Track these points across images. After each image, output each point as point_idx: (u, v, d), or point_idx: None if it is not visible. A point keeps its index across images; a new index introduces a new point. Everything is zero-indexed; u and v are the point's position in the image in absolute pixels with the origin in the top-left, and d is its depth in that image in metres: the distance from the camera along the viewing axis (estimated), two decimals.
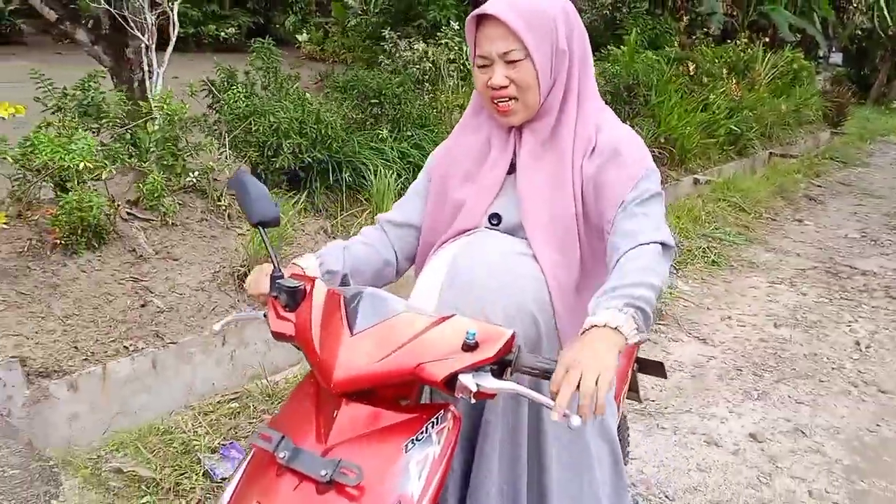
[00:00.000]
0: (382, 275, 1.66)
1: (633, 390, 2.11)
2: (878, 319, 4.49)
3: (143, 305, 3.42)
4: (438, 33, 7.12)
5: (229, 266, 3.68)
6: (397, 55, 7.12)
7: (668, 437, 3.03)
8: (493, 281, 1.44)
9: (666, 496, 2.63)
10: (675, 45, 10.44)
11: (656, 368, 2.09)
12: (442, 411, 1.23)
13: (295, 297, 1.32)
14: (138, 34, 3.91)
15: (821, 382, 3.63)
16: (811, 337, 4.20)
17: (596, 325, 1.19)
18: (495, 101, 1.48)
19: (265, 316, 1.39)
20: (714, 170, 7.97)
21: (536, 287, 1.46)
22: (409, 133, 5.08)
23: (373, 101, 5.05)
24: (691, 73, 8.75)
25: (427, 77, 6.19)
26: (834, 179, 8.94)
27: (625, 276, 1.29)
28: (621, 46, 8.64)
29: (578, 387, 1.10)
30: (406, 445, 1.16)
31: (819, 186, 8.41)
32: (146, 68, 4.01)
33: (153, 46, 4.00)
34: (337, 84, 5.17)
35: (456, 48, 6.44)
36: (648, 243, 1.34)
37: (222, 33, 13.76)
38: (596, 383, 1.10)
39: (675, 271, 4.91)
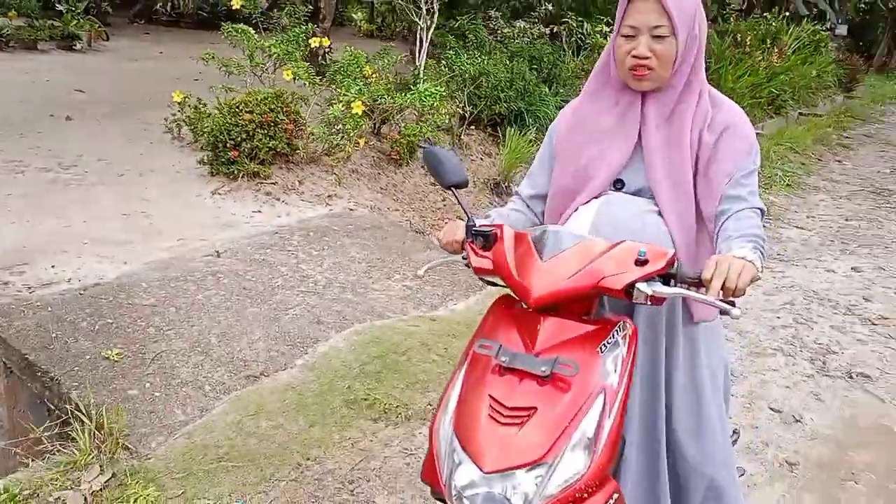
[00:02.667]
0: None
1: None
2: None
3: (443, 200, 5.40)
4: (532, 13, 9.05)
5: (491, 175, 5.67)
6: (499, 31, 9.03)
7: (802, 270, 5.07)
8: (628, 235, 1.64)
9: (811, 291, 4.66)
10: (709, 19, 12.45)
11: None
12: (622, 321, 1.54)
13: (488, 240, 1.65)
14: (416, 19, 5.83)
15: (885, 248, 5.69)
16: (872, 226, 6.29)
17: (735, 257, 1.48)
18: (633, 69, 1.71)
19: (464, 258, 1.73)
20: (759, 125, 10.01)
21: (663, 240, 1.73)
22: (561, 89, 7.04)
23: (533, 66, 7.00)
24: (738, 44, 10.77)
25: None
26: (858, 133, 11.07)
27: (745, 228, 1.60)
28: None
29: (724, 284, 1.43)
30: (601, 348, 1.47)
31: (847, 138, 10.52)
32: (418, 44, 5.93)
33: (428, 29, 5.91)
34: (505, 52, 7.10)
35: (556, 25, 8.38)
36: (753, 208, 1.67)
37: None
38: (740, 273, 1.42)
39: (767, 186, 6.95)
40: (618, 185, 1.80)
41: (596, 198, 1.81)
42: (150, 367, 2.88)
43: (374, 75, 4.97)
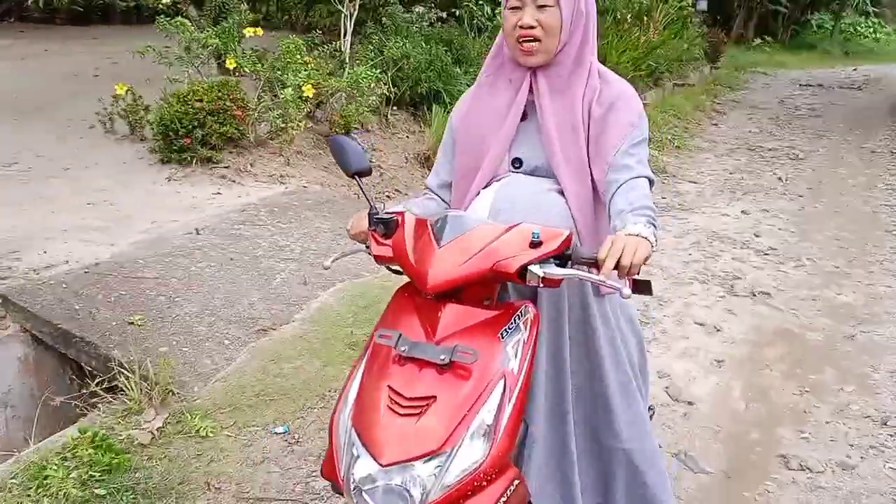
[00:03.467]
0: None
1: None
2: (786, 168, 7.63)
3: (380, 175, 5.85)
4: None
5: (420, 150, 6.19)
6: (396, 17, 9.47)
7: (701, 216, 5.89)
8: (527, 214, 1.70)
9: (712, 233, 5.46)
10: None
11: (644, 286, 2.62)
12: (524, 306, 1.58)
13: (389, 227, 1.68)
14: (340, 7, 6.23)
15: (766, 194, 6.64)
16: (753, 176, 7.27)
17: (630, 234, 1.51)
18: (520, 41, 1.75)
19: (366, 247, 1.75)
20: (643, 96, 10.98)
21: (564, 215, 1.79)
22: (470, 69, 7.61)
23: (445, 48, 7.54)
24: (618, 21, 11.72)
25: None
26: (727, 99, 12.32)
27: (635, 200, 1.65)
28: None
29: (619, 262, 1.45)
30: (501, 333, 1.51)
31: (719, 104, 11.71)
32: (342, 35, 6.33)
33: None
34: (420, 36, 7.59)
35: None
36: (641, 177, 1.71)
37: (160, 5, 15.29)
38: (635, 252, 1.46)
39: (659, 148, 7.81)
40: (516, 164, 1.85)
41: (498, 180, 1.85)
42: (171, 328, 3.22)
43: (311, 62, 5.35)
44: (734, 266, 4.89)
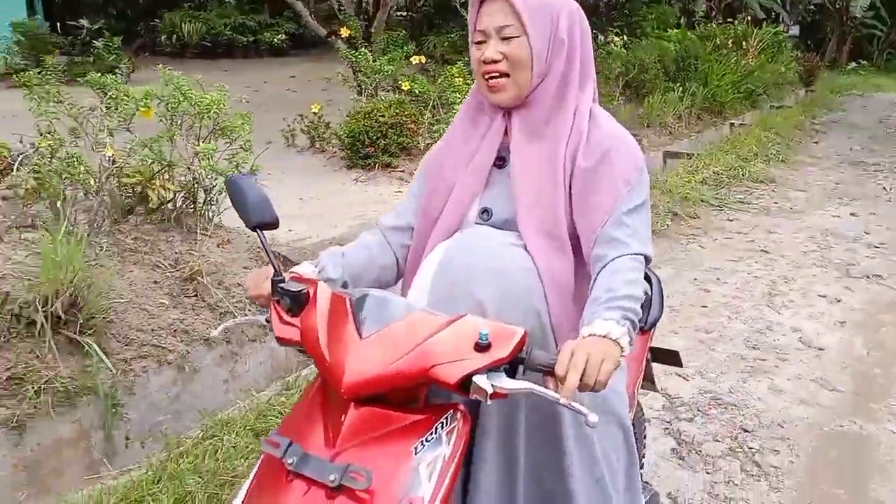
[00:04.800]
0: (382, 279, 1.73)
1: (649, 380, 2.25)
2: (889, 180, 8.34)
3: None
4: None
5: None
6: None
7: (813, 217, 6.68)
8: (485, 271, 1.50)
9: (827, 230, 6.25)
10: (675, 27, 14.24)
11: (671, 357, 2.28)
12: (451, 411, 1.31)
13: (298, 301, 1.39)
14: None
15: (872, 201, 7.39)
16: (858, 186, 8.02)
17: (594, 335, 1.31)
18: (486, 77, 1.57)
19: (267, 321, 1.48)
20: (739, 117, 11.75)
21: (528, 276, 1.53)
22: None
23: None
24: (717, 46, 12.57)
25: None
26: (826, 119, 12.98)
27: (616, 287, 1.42)
28: (647, 29, 12.41)
29: (582, 378, 1.22)
30: (416, 447, 1.24)
31: (818, 124, 12.40)
32: None
33: None
34: None
35: None
36: (633, 255, 1.48)
37: (275, 40, 16.88)
38: (600, 366, 1.23)
39: (766, 161, 8.61)
40: (484, 215, 1.63)
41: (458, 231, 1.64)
42: None
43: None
44: (848, 256, 5.69)
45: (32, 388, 2.83)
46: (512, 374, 1.30)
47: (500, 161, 1.65)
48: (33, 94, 4.07)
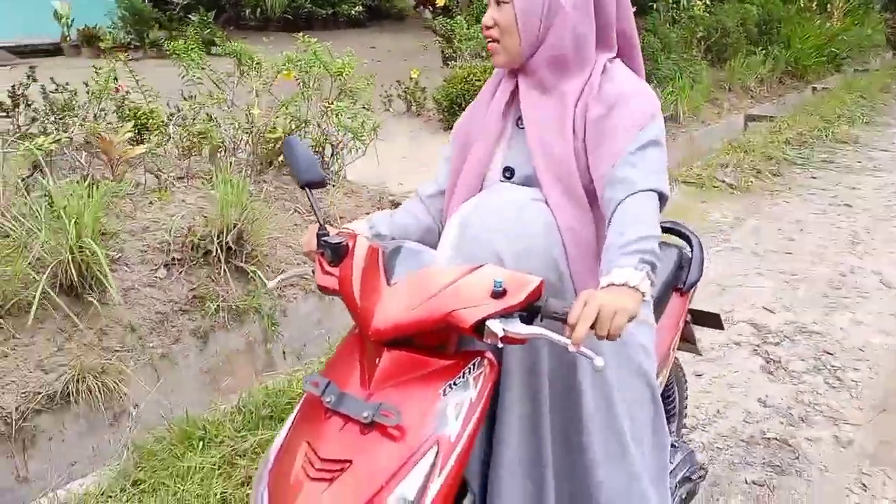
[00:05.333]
0: (426, 242, 1.77)
1: (690, 341, 2.29)
2: None
3: None
4: None
5: None
6: None
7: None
8: (504, 226, 1.57)
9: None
10: None
11: (712, 320, 2.34)
12: (478, 358, 1.40)
13: (338, 253, 1.51)
14: None
15: None
16: None
17: (613, 284, 1.34)
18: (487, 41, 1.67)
19: (313, 272, 1.60)
20: (821, 81, 11.77)
21: (548, 230, 1.58)
22: (672, 56, 8.83)
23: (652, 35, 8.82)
24: (801, 9, 12.56)
25: None
26: None
27: (629, 230, 1.43)
28: None
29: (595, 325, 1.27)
30: (444, 390, 1.34)
31: None
32: None
33: None
34: None
35: None
36: (645, 190, 1.48)
37: (352, 12, 17.44)
38: (612, 318, 1.26)
39: (849, 123, 8.76)
40: (507, 173, 1.69)
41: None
42: None
43: None
44: None
45: (212, 305, 3.43)
46: (529, 321, 1.36)
47: (521, 120, 1.69)
48: (183, 62, 4.70)
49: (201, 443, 2.66)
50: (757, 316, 3.95)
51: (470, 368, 1.38)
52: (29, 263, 2.91)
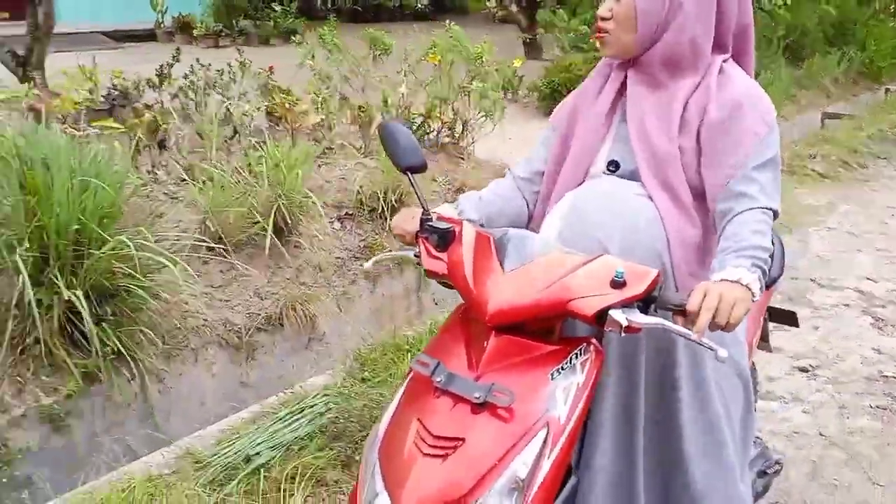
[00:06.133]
0: (514, 223, 1.84)
1: (764, 339, 2.33)
2: None
3: None
4: None
5: None
6: None
7: None
8: (610, 218, 1.61)
9: None
10: None
11: (788, 318, 2.40)
12: (584, 344, 1.45)
13: (445, 239, 1.56)
14: None
15: None
16: None
17: (726, 280, 1.40)
18: (597, 31, 1.68)
19: (416, 255, 1.66)
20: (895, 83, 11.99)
21: (652, 224, 1.62)
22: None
23: None
24: (878, 10, 12.82)
25: None
26: None
27: (745, 237, 1.50)
28: None
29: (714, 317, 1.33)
30: (552, 374, 1.39)
31: None
32: None
33: None
34: None
35: None
36: (762, 209, 1.54)
37: (418, 5, 18.04)
38: (731, 309, 1.34)
39: None
40: (611, 166, 1.72)
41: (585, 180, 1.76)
42: None
43: None
44: None
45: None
46: (644, 311, 1.40)
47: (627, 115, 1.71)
48: (326, 46, 5.30)
49: (408, 353, 3.23)
50: (861, 284, 4.41)
51: (577, 354, 1.43)
52: (247, 210, 3.50)
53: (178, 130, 3.90)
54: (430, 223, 1.60)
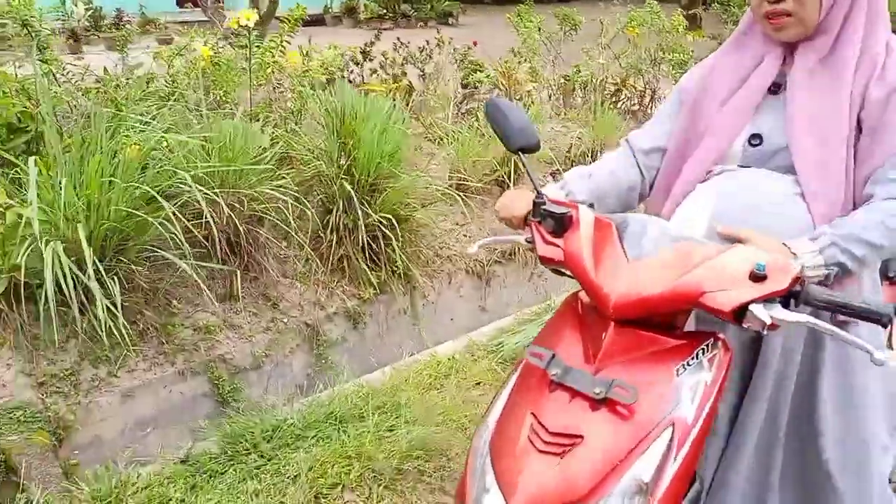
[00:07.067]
0: (627, 200, 1.78)
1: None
2: None
3: None
4: None
5: None
6: None
7: None
8: (761, 223, 1.49)
9: None
10: None
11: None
12: (712, 339, 1.36)
13: (562, 223, 1.46)
14: None
15: None
16: None
17: (786, 245, 1.44)
18: (768, 17, 1.54)
19: (528, 241, 1.55)
20: None
21: (805, 232, 1.50)
22: None
23: None
24: None
25: None
26: None
27: (858, 221, 1.46)
28: None
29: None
30: (677, 370, 1.30)
31: None
32: None
33: None
34: None
35: None
36: None
37: None
38: None
39: None
40: (754, 140, 1.61)
41: (719, 174, 1.65)
42: None
43: None
44: None
45: None
46: (785, 307, 1.30)
47: (776, 87, 1.61)
48: (521, 24, 5.92)
49: None
50: None
51: (703, 349, 1.35)
52: (490, 159, 4.19)
53: (420, 95, 4.61)
54: (545, 207, 1.50)
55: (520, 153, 1.62)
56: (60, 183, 2.53)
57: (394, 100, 4.27)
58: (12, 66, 2.88)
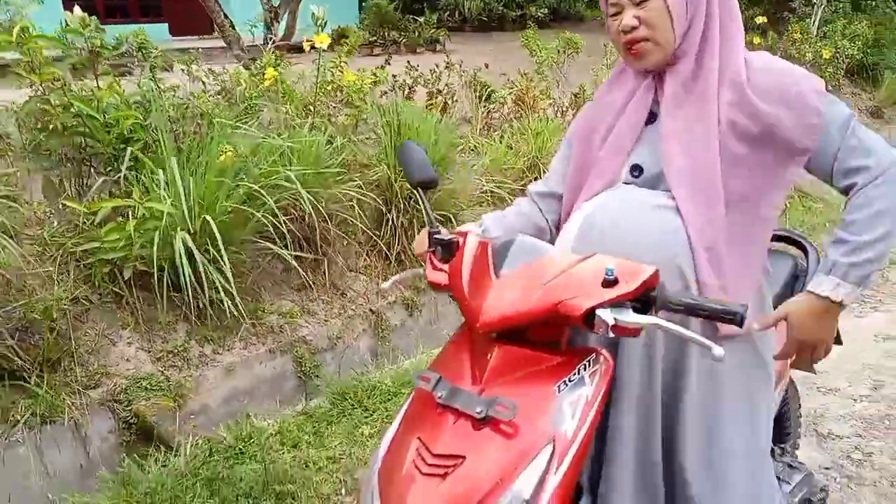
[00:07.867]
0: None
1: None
2: None
3: None
4: None
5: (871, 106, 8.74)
6: None
7: None
8: (624, 232, 1.57)
9: None
10: None
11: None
12: (594, 354, 1.41)
13: (450, 250, 1.59)
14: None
15: None
16: None
17: (814, 294, 1.51)
18: (628, 46, 1.60)
19: (425, 271, 1.64)
20: None
21: (673, 236, 1.55)
22: None
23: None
24: None
25: None
26: None
27: (858, 229, 1.50)
28: None
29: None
30: (559, 386, 1.34)
31: None
32: None
33: None
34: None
35: None
36: (881, 173, 1.51)
37: (539, 13, 19.11)
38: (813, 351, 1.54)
39: None
40: (635, 171, 1.66)
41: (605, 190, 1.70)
42: None
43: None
44: None
45: None
46: (643, 312, 1.34)
47: (653, 117, 1.66)
48: (534, 47, 6.47)
49: None
50: None
51: (585, 365, 1.39)
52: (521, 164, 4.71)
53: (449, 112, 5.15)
54: (437, 236, 1.62)
55: (419, 188, 1.76)
56: (188, 182, 2.99)
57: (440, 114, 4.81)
58: (117, 82, 3.33)
